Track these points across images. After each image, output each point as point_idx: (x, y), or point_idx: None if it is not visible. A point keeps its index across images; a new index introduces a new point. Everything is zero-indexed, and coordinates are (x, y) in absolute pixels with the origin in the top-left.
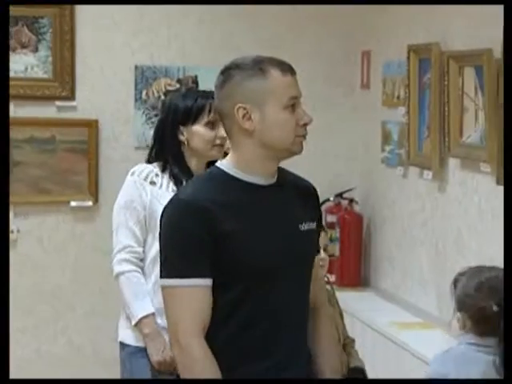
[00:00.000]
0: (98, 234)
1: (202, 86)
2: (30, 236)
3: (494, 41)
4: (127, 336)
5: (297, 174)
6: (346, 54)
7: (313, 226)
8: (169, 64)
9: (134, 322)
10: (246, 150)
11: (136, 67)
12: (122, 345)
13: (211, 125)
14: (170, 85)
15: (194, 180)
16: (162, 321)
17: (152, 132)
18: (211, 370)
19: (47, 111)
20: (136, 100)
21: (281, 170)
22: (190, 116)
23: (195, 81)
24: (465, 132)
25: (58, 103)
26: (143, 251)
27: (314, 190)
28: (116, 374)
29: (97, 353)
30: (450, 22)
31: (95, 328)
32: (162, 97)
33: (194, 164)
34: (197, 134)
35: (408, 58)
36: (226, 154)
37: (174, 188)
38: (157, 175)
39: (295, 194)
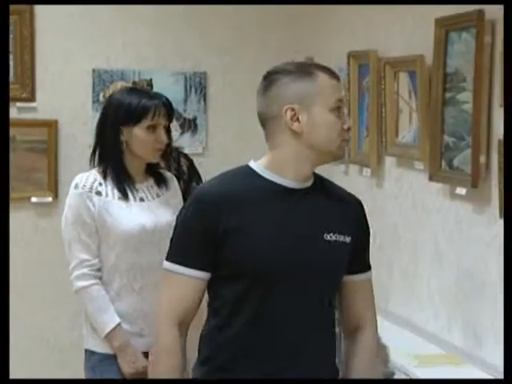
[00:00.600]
0: (58, 228)
1: (156, 89)
2: None
3: (425, 48)
4: (94, 344)
5: (346, 190)
6: (290, 60)
7: (346, 239)
8: (124, 68)
9: (102, 336)
10: (289, 151)
11: (93, 70)
12: (90, 352)
13: (152, 128)
14: (122, 88)
15: (219, 175)
16: (129, 325)
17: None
18: (174, 361)
19: (13, 111)
20: (94, 102)
21: (329, 182)
22: (133, 117)
23: (150, 83)
24: (400, 132)
25: (19, 104)
26: (100, 260)
27: (361, 206)
28: (72, 360)
29: (57, 341)
30: (387, 30)
31: (55, 318)
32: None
33: (133, 166)
34: (137, 137)
35: (348, 63)
36: (163, 156)
37: (120, 195)
38: (100, 184)
39: (333, 205)
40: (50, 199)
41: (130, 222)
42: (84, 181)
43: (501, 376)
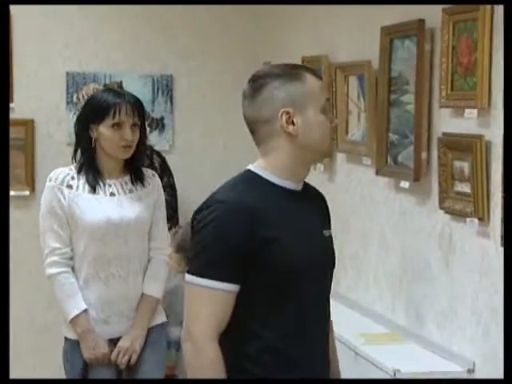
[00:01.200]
0: (34, 220)
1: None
2: None
3: (372, 54)
4: (67, 331)
5: (313, 186)
6: (250, 64)
7: (331, 232)
8: (96, 71)
9: (68, 322)
10: (285, 153)
11: (67, 73)
12: (64, 338)
13: (117, 126)
14: (97, 89)
15: (231, 184)
16: (96, 313)
17: None
18: (220, 375)
19: None
20: (67, 102)
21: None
22: (97, 115)
23: (120, 86)
24: (350, 131)
25: None
26: (70, 250)
27: (324, 197)
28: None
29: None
30: (337, 37)
31: (31, 307)
32: None
33: (106, 162)
34: (103, 134)
35: None
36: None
37: (89, 189)
38: (73, 178)
39: (315, 201)
40: (27, 193)
41: (96, 214)
42: (57, 175)
43: (440, 353)
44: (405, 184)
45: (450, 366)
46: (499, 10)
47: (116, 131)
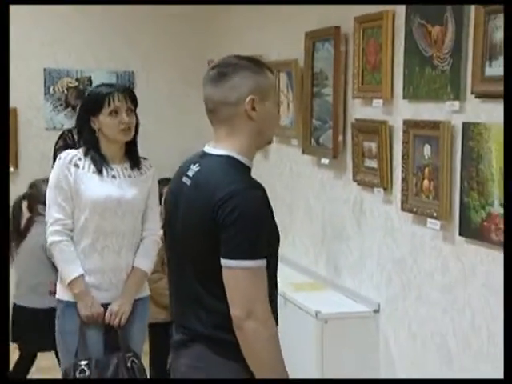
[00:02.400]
0: (18, 193)
1: (95, 84)
2: None
3: (298, 53)
4: (61, 293)
5: None
6: (196, 62)
7: None
8: (69, 67)
9: (66, 283)
10: (247, 136)
11: (44, 69)
12: (59, 301)
13: (115, 113)
14: (70, 83)
15: (241, 169)
16: (89, 279)
17: (58, 117)
18: (279, 345)
19: None
20: (45, 94)
21: None
22: (95, 107)
23: (90, 80)
24: (281, 118)
25: None
26: (72, 222)
27: None
28: None
29: None
30: (270, 39)
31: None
32: (65, 91)
33: (110, 149)
34: (104, 123)
35: None
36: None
37: (95, 169)
38: (80, 159)
39: None
40: (12, 169)
41: (98, 191)
42: (66, 155)
43: (352, 297)
44: (325, 161)
45: (360, 307)
46: (400, 18)
47: (114, 117)
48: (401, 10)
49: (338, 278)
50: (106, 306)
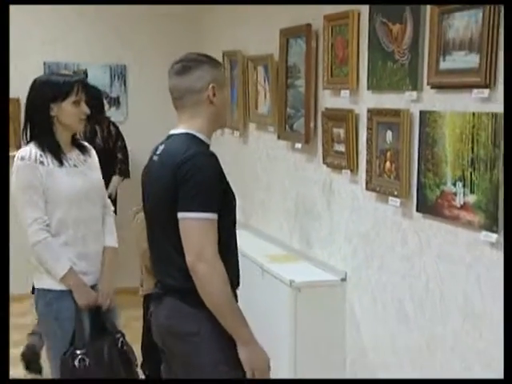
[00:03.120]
0: None
1: (89, 76)
2: None
3: (274, 49)
4: (51, 283)
5: None
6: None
7: None
8: (67, 61)
9: (59, 279)
10: (207, 118)
11: (44, 63)
12: (46, 290)
13: (77, 103)
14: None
15: (187, 143)
16: (76, 267)
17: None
18: (228, 283)
19: None
20: None
21: None
22: (60, 94)
23: (85, 73)
24: (258, 106)
25: None
26: (47, 218)
27: None
28: None
29: None
30: (248, 36)
31: None
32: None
33: (62, 137)
34: (66, 110)
35: (223, 59)
36: (99, 123)
37: (57, 163)
38: (41, 155)
39: None
40: (14, 153)
41: (70, 185)
42: (28, 154)
43: (322, 267)
44: (298, 145)
45: (329, 276)
46: (364, 17)
47: (76, 107)
48: (365, 9)
49: (309, 250)
50: (91, 287)
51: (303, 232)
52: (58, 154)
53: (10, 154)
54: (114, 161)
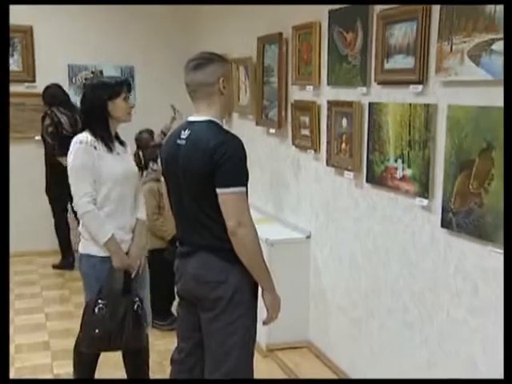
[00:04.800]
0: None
1: (104, 75)
2: None
3: (253, 52)
4: (94, 250)
5: None
6: (181, 59)
7: None
8: (86, 63)
9: (102, 244)
10: (220, 107)
11: (68, 65)
12: (90, 256)
13: (126, 99)
14: (87, 75)
15: (221, 128)
16: (116, 236)
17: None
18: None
19: (20, 88)
20: (69, 83)
21: None
22: (114, 93)
23: (101, 72)
24: (241, 99)
25: (26, 84)
26: (95, 193)
27: None
28: None
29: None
30: (233, 41)
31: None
32: (84, 81)
33: (113, 128)
34: (118, 105)
35: None
36: None
37: (107, 149)
38: (94, 141)
39: None
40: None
41: (116, 167)
42: (86, 139)
43: (292, 228)
44: (272, 130)
45: (297, 234)
46: (324, 27)
47: (126, 102)
48: (325, 21)
49: (281, 214)
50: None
51: (276, 200)
52: (108, 142)
53: (39, 138)
54: None
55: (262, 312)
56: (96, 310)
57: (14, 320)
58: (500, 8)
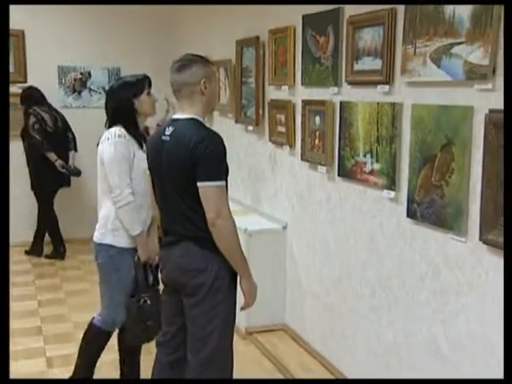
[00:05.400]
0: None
1: (92, 77)
2: None
3: (232, 55)
4: (115, 241)
5: None
6: (164, 61)
7: None
8: (75, 64)
9: (133, 236)
10: (202, 105)
11: (58, 66)
12: (109, 246)
13: (149, 93)
14: (76, 76)
15: (203, 125)
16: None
17: (68, 99)
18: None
19: (12, 89)
20: (59, 83)
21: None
22: (138, 90)
23: (89, 73)
24: (221, 98)
25: (19, 85)
26: None
27: None
28: None
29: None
30: (214, 44)
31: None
32: (73, 82)
33: (140, 123)
34: (144, 101)
35: None
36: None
37: (137, 144)
38: (126, 136)
39: None
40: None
41: (143, 163)
42: (123, 133)
43: (269, 219)
44: (250, 128)
45: (274, 225)
46: (299, 31)
47: (150, 96)
48: (299, 25)
49: (259, 206)
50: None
51: (254, 192)
52: (139, 139)
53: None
54: (67, 140)
55: (240, 298)
56: (141, 302)
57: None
58: (458, 13)
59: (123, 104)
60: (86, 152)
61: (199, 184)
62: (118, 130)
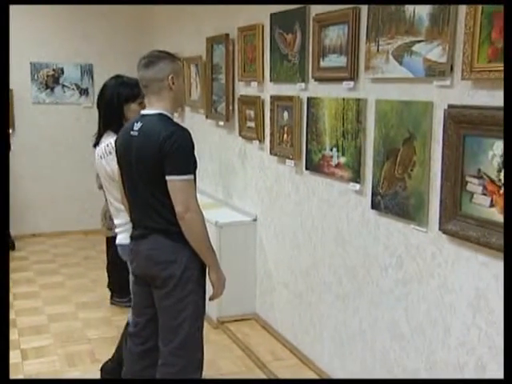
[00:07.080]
0: (14, 148)
1: (65, 74)
2: None
3: (202, 52)
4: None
5: None
6: (135, 56)
7: None
8: (48, 61)
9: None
10: (170, 101)
11: (31, 63)
12: (121, 245)
13: (142, 104)
14: (48, 72)
15: (171, 120)
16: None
17: (41, 95)
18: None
19: None
20: (32, 80)
21: None
22: (131, 99)
23: (62, 70)
24: (192, 94)
25: None
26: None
27: None
28: None
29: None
30: (184, 41)
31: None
32: (45, 78)
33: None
34: (133, 109)
35: None
36: None
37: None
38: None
39: None
40: (11, 131)
41: None
42: (112, 146)
43: (240, 212)
44: (221, 123)
45: (244, 217)
46: (267, 29)
47: (140, 106)
48: (267, 23)
49: (230, 199)
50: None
51: (225, 186)
52: None
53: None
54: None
55: (209, 288)
56: None
57: None
58: (418, 12)
59: (115, 108)
60: (63, 147)
61: (168, 178)
62: (109, 143)
